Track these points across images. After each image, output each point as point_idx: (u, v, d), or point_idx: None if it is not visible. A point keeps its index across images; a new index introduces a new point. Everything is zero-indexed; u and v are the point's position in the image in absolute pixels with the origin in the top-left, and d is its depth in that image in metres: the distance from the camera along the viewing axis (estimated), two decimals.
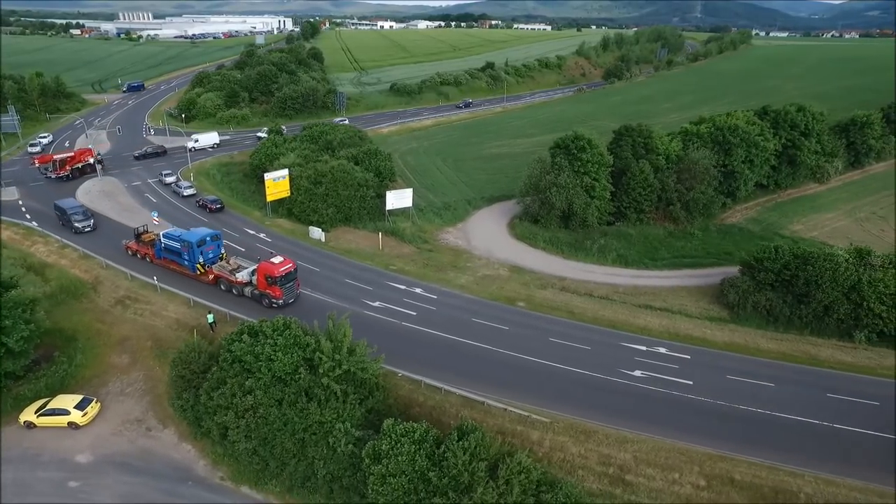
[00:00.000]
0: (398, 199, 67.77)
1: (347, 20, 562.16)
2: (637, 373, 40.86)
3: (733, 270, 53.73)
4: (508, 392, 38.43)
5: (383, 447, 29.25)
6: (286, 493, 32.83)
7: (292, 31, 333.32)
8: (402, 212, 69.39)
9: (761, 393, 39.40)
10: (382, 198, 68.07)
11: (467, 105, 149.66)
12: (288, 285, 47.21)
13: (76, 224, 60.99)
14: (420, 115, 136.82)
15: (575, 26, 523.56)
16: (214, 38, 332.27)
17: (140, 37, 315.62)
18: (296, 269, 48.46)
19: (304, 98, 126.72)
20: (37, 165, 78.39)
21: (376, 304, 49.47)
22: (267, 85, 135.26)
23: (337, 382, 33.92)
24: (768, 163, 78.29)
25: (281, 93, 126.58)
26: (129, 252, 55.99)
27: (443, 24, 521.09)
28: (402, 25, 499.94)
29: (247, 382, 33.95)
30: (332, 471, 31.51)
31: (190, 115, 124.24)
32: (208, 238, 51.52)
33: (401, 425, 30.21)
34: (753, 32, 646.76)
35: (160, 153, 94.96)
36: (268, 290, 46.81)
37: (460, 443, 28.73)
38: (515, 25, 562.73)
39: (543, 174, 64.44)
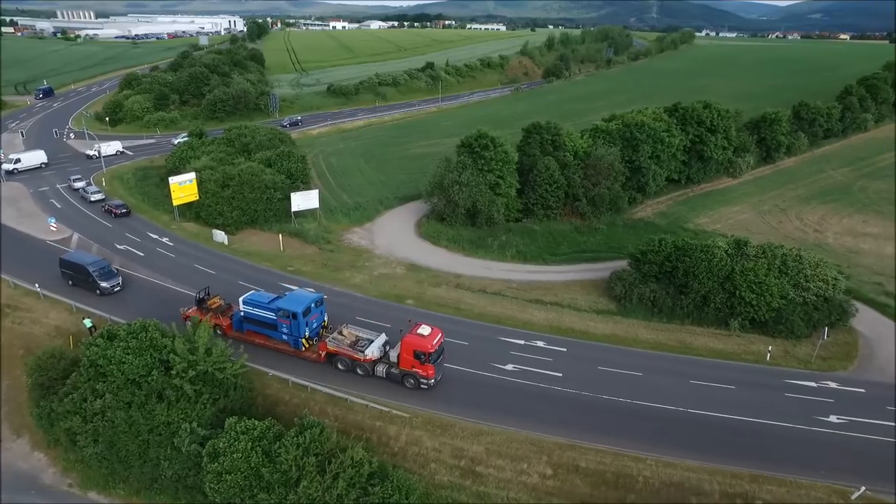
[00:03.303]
0: (305, 200, 67.45)
1: (301, 21, 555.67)
2: (509, 367, 41.60)
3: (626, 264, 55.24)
4: (377, 389, 38.75)
5: (221, 445, 29.20)
6: (133, 496, 32.59)
7: (240, 31, 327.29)
8: (310, 213, 69.10)
9: (627, 382, 40.64)
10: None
11: (294, 124, 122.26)
12: (440, 360, 38.94)
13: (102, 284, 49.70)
14: (355, 115, 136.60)
15: (530, 26, 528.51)
16: (158, 38, 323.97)
17: (77, 36, 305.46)
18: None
19: (236, 100, 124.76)
20: None
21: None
22: (198, 87, 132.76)
23: (191, 383, 33.62)
24: (676, 158, 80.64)
25: (211, 95, 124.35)
26: (189, 323, 43.61)
27: (396, 24, 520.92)
28: (356, 26, 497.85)
29: (97, 386, 33.39)
30: (178, 471, 31.33)
31: (116, 118, 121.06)
32: (313, 304, 41.61)
33: (242, 423, 30.14)
34: (705, 33, 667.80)
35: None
36: (417, 370, 37.82)
37: (294, 438, 28.88)
38: (470, 26, 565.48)
39: (447, 173, 65.03)
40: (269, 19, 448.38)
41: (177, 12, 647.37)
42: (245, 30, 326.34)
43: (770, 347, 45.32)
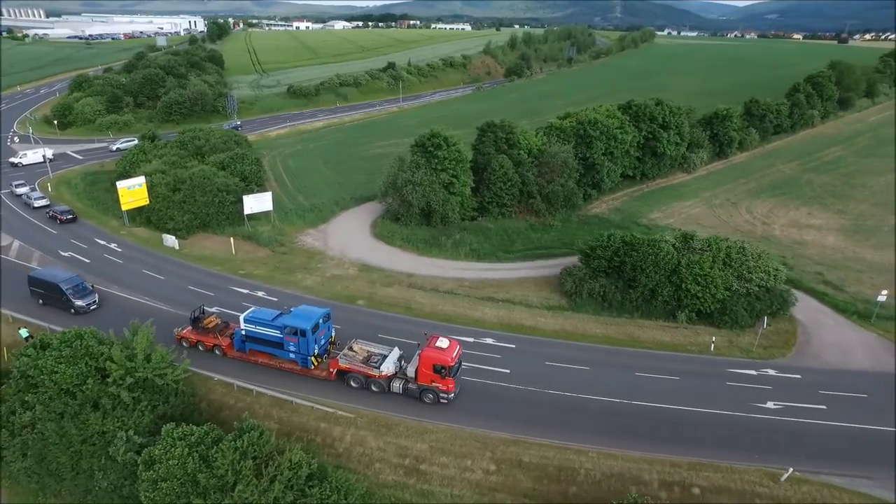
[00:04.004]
0: (258, 202, 66.72)
1: (264, 21, 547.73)
2: None
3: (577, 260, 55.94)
4: (323, 390, 38.60)
5: (157, 452, 28.66)
6: None
7: (200, 32, 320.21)
8: (264, 215, 68.33)
9: (574, 377, 41.24)
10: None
11: (233, 129, 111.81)
12: (458, 373, 38.28)
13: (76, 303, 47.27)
14: (315, 117, 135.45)
15: (495, 26, 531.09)
16: (114, 39, 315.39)
17: (26, 36, 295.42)
18: None
19: (192, 102, 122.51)
20: None
21: (213, 310, 48.36)
22: (153, 89, 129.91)
23: (129, 390, 32.89)
24: (629, 155, 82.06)
25: (167, 97, 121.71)
26: (185, 344, 42.35)
27: (361, 24, 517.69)
28: (320, 26, 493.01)
29: (27, 398, 32.39)
30: (113, 481, 30.69)
31: (66, 121, 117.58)
32: (321, 320, 39.84)
33: (179, 429, 29.62)
34: (667, 32, 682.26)
35: None
36: (436, 384, 36.88)
37: (232, 443, 28.50)
38: (436, 25, 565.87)
39: (400, 172, 65.00)
40: (230, 20, 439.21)
41: (135, 12, 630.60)
42: (206, 30, 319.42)
43: (714, 338, 46.49)
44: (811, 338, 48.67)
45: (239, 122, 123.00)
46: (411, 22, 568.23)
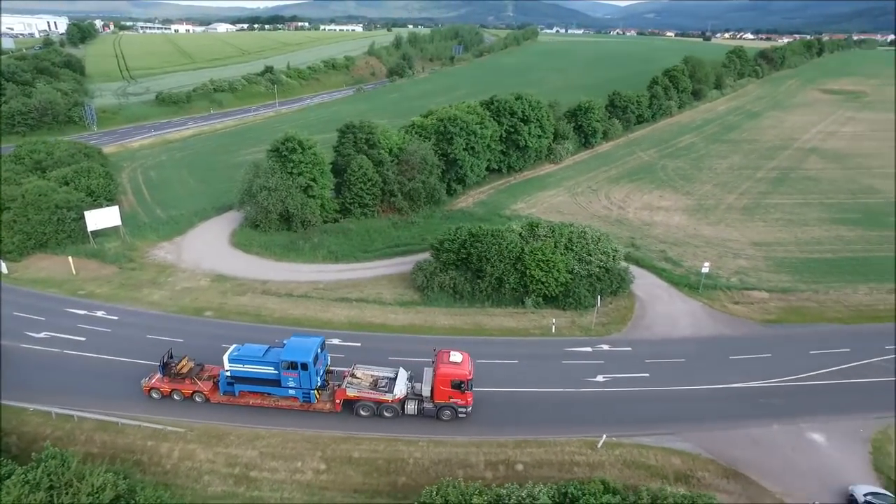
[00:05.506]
0: (104, 218, 62.53)
1: (140, 23, 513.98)
2: None
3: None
4: (151, 408, 36.95)
5: None
6: None
7: (61, 34, 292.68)
8: (114, 231, 64.23)
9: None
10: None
11: None
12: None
13: None
14: (185, 124, 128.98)
15: (387, 27, 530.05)
16: None
17: None
18: None
19: (40, 112, 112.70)
20: None
21: (41, 335, 45.13)
22: None
23: None
24: (492, 149, 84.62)
25: (7, 107, 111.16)
26: (156, 395, 37.83)
27: (246, 27, 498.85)
28: (202, 29, 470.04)
29: None
30: None
31: None
32: (318, 349, 36.92)
33: None
34: (555, 30, 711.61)
35: None
36: (455, 400, 35.92)
37: (22, 476, 26.49)
38: (327, 27, 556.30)
39: (255, 179, 63.34)
40: (98, 21, 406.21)
41: None
42: (66, 32, 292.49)
43: (553, 320, 48.96)
44: (647, 312, 52.44)
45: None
46: (299, 24, 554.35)
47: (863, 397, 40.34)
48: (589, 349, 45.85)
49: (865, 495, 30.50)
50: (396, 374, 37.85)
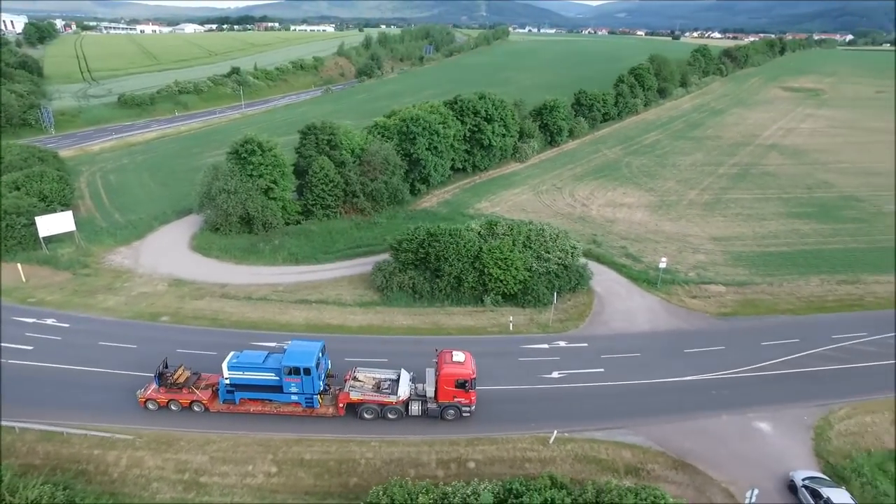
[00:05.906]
0: (56, 223, 61.08)
1: (104, 24, 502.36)
2: None
3: None
4: (98, 415, 36.23)
5: None
6: None
7: (18, 34, 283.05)
8: (68, 236, 62.84)
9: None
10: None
11: None
12: None
13: None
14: (149, 127, 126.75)
15: (359, 27, 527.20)
16: None
17: None
18: None
19: None
20: None
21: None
22: None
23: None
24: (455, 148, 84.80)
25: None
26: (152, 406, 37.00)
27: (215, 27, 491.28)
28: (169, 30, 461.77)
29: None
30: None
31: None
32: (319, 353, 36.53)
33: None
34: (528, 29, 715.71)
35: None
36: (459, 399, 36.14)
37: None
38: (298, 27, 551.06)
39: (214, 181, 62.58)
40: (59, 21, 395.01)
41: None
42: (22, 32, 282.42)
43: (511, 318, 49.27)
44: (605, 308, 53.05)
45: None
46: (269, 24, 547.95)
47: (808, 385, 41.49)
48: (546, 346, 46.25)
49: (804, 480, 31.36)
50: (399, 376, 37.85)
